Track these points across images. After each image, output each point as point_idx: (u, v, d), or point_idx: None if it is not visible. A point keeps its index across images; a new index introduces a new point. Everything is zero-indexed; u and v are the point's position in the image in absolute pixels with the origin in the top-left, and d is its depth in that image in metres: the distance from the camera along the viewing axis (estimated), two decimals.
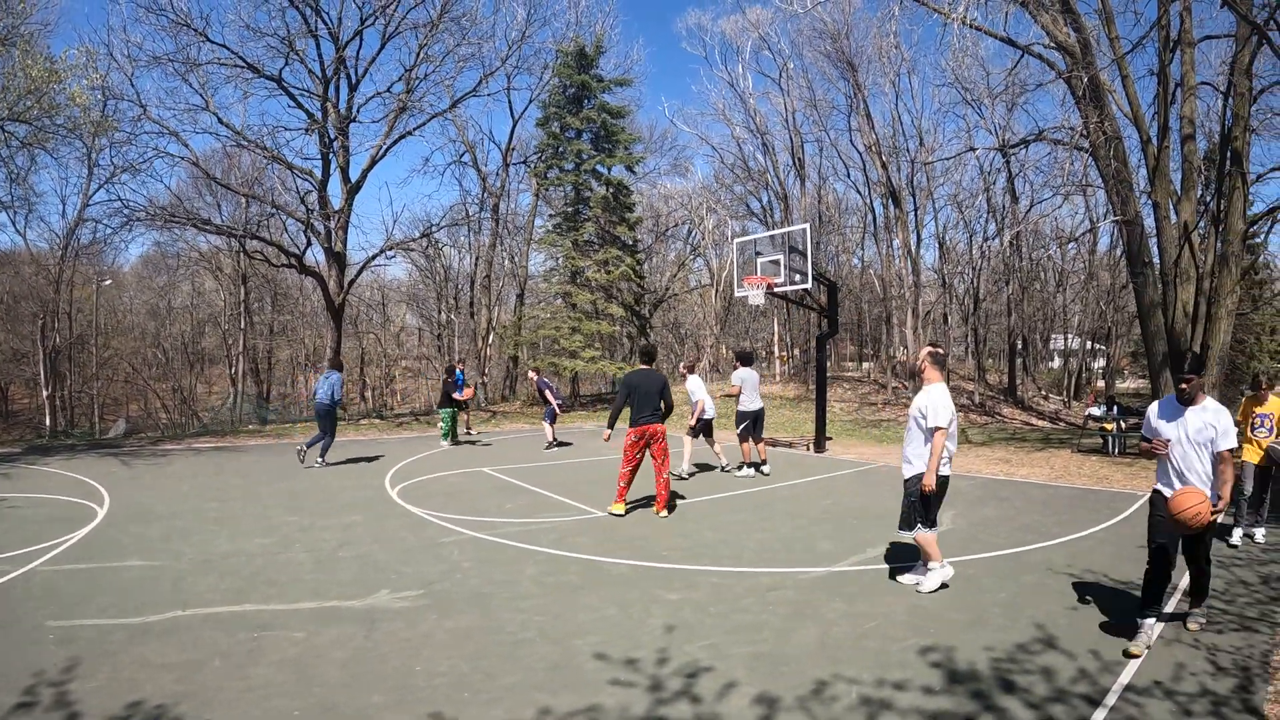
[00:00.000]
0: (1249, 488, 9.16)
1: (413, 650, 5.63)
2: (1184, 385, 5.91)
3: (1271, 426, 9.22)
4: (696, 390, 13.75)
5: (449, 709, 4.71)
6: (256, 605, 6.62)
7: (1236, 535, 9.11)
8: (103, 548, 8.60)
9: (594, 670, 5.30)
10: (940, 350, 7.18)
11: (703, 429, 14.09)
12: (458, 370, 19.73)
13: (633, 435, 10.56)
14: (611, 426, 10.70)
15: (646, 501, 11.25)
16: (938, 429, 6.74)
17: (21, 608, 6.49)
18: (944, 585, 7.02)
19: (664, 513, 10.60)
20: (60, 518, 10.15)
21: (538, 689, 5.00)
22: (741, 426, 14.27)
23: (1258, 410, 9.34)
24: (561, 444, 19.49)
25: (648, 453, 10.68)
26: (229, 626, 6.09)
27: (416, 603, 6.70)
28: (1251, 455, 9.29)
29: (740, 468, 14.41)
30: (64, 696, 4.81)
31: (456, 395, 18.99)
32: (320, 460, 15.11)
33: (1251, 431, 9.32)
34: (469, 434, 22.43)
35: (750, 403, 14.17)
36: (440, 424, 19.46)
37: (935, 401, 6.80)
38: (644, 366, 10.95)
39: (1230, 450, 5.82)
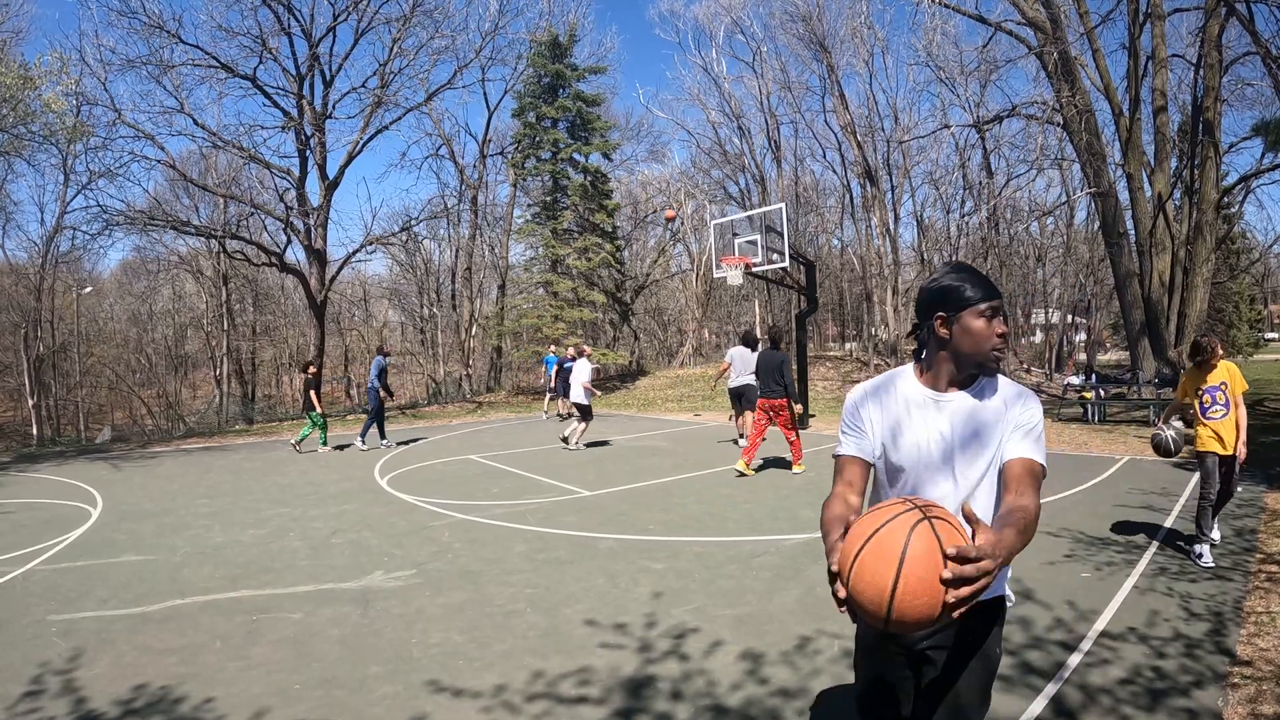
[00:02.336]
0: (1213, 490, 7.00)
1: (407, 625, 5.77)
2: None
3: (1227, 400, 6.97)
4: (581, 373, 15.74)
5: (445, 676, 4.85)
6: (253, 590, 6.73)
7: (1207, 554, 6.77)
8: (98, 545, 8.67)
9: (584, 636, 5.45)
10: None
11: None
12: (549, 354, 19.14)
13: (760, 406, 12.07)
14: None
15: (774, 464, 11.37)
16: None
17: (22, 604, 6.57)
18: None
19: (800, 467, 12.13)
20: (55, 520, 10.20)
21: (530, 654, 5.14)
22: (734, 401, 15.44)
23: (1205, 384, 7.05)
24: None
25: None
26: (227, 611, 6.20)
27: (409, 582, 6.83)
28: (1211, 443, 7.02)
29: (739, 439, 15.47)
30: (70, 684, 4.92)
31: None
32: (384, 442, 16.02)
33: (1203, 414, 7.07)
34: (555, 415, 22.74)
35: (735, 380, 14.84)
36: (306, 427, 16.93)
37: None
38: (762, 349, 12.47)
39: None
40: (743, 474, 11.78)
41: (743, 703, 4.40)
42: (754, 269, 17.22)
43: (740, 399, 15.04)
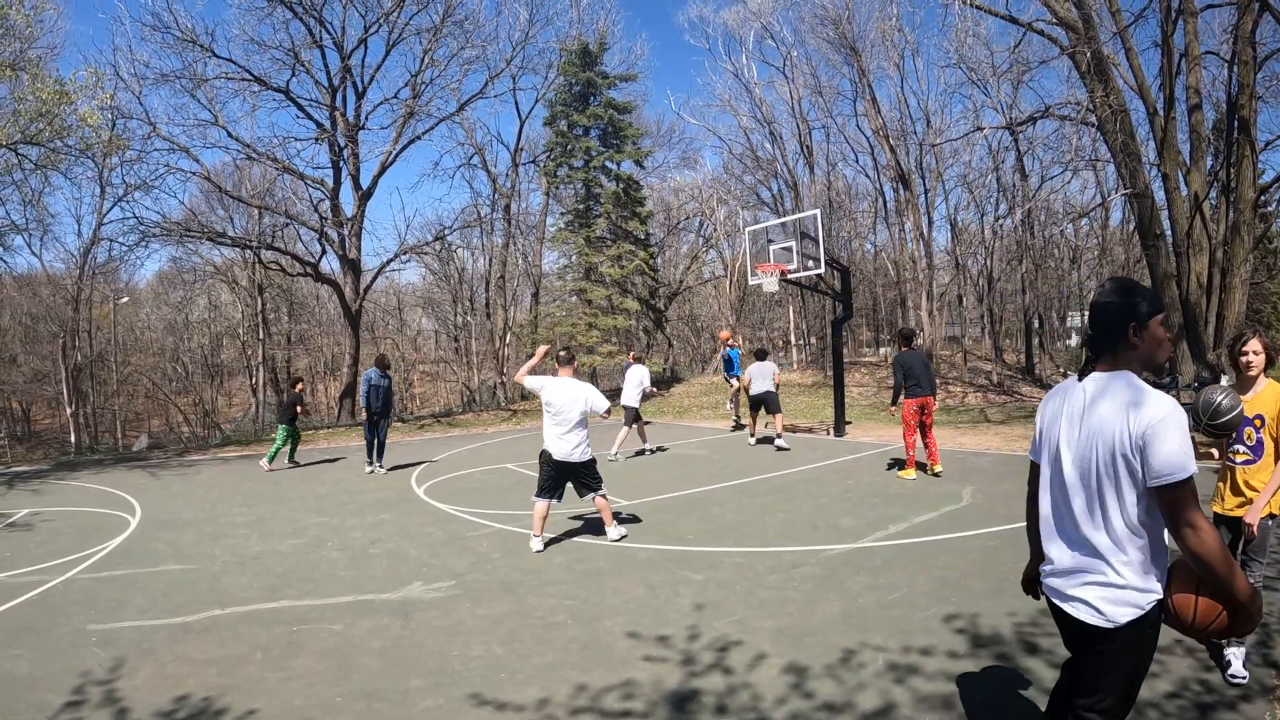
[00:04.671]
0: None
1: (447, 637, 5.78)
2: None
3: (1260, 440, 4.66)
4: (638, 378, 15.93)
5: (486, 689, 4.85)
6: (292, 601, 6.78)
7: (1237, 663, 4.63)
8: (137, 554, 8.78)
9: (626, 648, 5.44)
10: (566, 352, 8.77)
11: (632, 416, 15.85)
12: (727, 348, 18.79)
13: (912, 406, 12.01)
14: (895, 402, 12.27)
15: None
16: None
17: (62, 613, 6.67)
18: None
19: (939, 468, 12.01)
20: (93, 528, 10.35)
21: (571, 667, 5.14)
22: (755, 408, 16.61)
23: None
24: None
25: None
26: (267, 622, 6.25)
27: (449, 593, 6.85)
28: (1217, 499, 4.93)
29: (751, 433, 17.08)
30: (112, 694, 4.97)
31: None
32: (369, 467, 15.02)
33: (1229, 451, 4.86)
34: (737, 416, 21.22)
35: (756, 388, 16.13)
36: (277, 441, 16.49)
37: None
38: (909, 348, 12.38)
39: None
40: (909, 479, 11.91)
41: (788, 717, 4.37)
42: (789, 276, 17.16)
43: (764, 405, 16.17)
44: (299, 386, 17.02)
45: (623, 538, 8.42)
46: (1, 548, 9.40)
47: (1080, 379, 2.90)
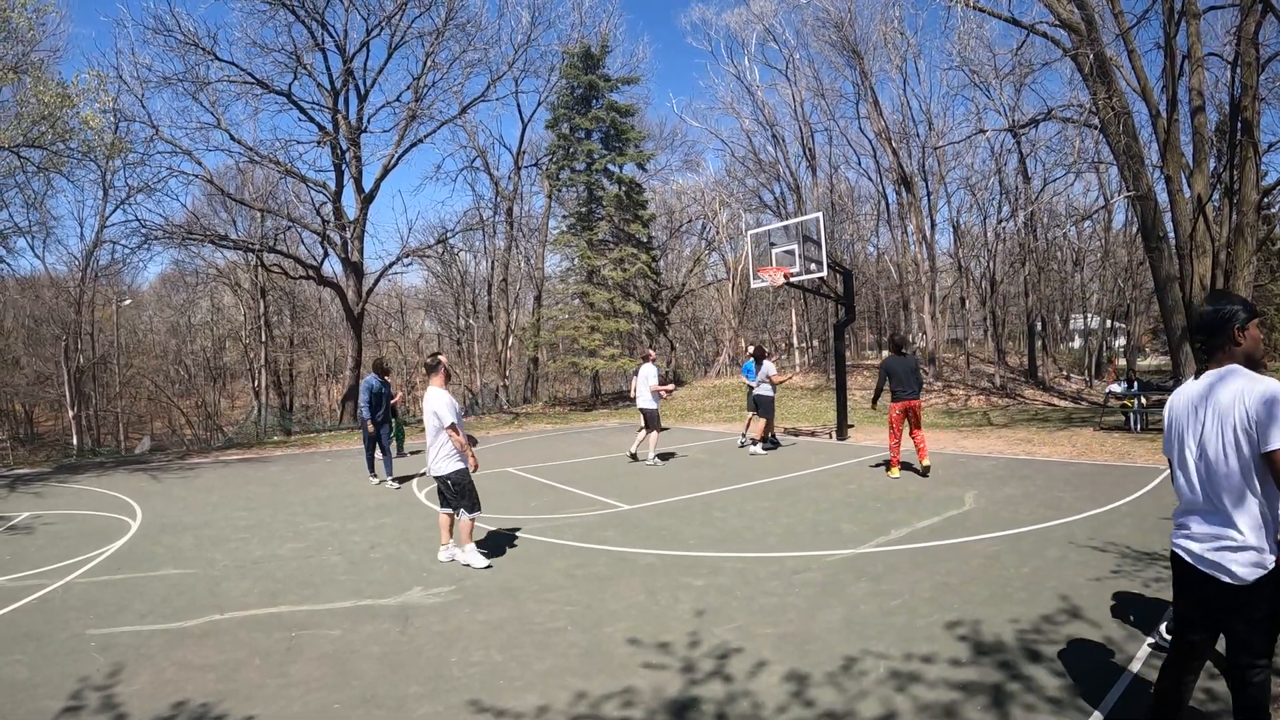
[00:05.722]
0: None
1: (447, 642, 5.75)
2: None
3: None
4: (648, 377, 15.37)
5: (485, 696, 4.82)
6: (292, 606, 6.75)
7: None
8: (137, 558, 8.76)
9: (626, 655, 5.41)
10: (440, 358, 8.21)
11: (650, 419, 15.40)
12: (759, 349, 16.79)
13: (896, 409, 12.46)
14: (875, 403, 13.15)
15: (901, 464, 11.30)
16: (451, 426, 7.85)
17: (61, 618, 6.65)
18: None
19: (926, 461, 12.39)
20: (94, 532, 10.33)
21: (571, 674, 5.11)
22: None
23: None
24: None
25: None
26: (266, 627, 6.23)
27: (448, 598, 6.82)
28: None
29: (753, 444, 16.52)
30: (110, 699, 4.96)
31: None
32: (374, 479, 14.07)
33: None
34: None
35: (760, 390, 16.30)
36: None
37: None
38: (897, 354, 12.72)
39: None
40: (895, 478, 12.32)
41: None
42: (792, 279, 17.14)
43: (760, 407, 16.32)
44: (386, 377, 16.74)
45: (488, 567, 7.86)
46: (2, 551, 9.39)
47: (1196, 378, 3.55)
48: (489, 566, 7.82)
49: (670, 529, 9.35)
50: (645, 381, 15.21)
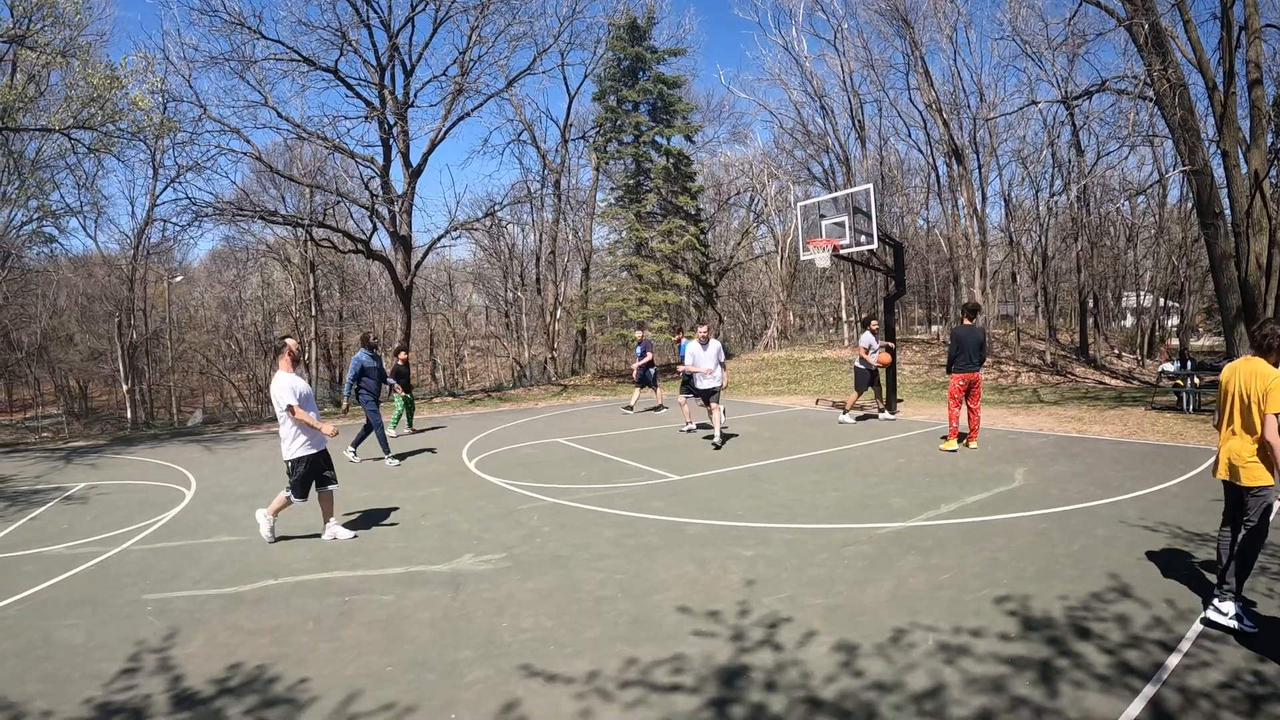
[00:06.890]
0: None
1: (498, 609, 5.87)
2: None
3: None
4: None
5: (536, 661, 4.93)
6: (344, 572, 6.91)
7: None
8: (192, 526, 8.98)
9: (675, 623, 5.48)
10: (288, 341, 8.27)
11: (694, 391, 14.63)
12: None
13: (958, 380, 12.46)
14: (949, 371, 12.63)
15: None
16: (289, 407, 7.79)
17: (118, 584, 6.85)
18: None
19: (974, 444, 12.47)
20: (149, 501, 10.59)
21: (621, 641, 5.20)
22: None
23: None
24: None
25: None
26: (319, 593, 6.39)
27: (499, 565, 6.94)
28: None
29: None
30: (166, 662, 5.12)
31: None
32: (350, 455, 13.53)
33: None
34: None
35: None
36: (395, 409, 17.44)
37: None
38: (969, 322, 12.64)
39: None
40: (950, 450, 12.29)
41: (837, 695, 4.39)
42: (841, 251, 17.02)
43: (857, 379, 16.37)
44: (403, 356, 17.75)
45: (275, 541, 8.10)
46: (59, 520, 9.64)
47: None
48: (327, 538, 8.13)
49: (719, 499, 9.41)
50: (708, 358, 13.73)
